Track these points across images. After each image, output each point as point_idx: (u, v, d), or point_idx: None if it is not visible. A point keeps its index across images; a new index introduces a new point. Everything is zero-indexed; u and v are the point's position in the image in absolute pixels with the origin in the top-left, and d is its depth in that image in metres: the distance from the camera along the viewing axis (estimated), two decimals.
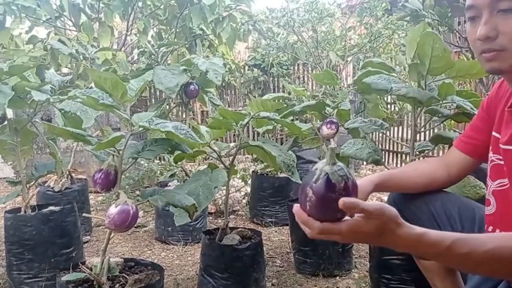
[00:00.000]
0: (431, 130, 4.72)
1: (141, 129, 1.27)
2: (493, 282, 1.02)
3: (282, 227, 2.85)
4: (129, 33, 3.75)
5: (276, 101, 2.19)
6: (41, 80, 1.87)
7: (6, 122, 1.82)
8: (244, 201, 3.32)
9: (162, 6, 3.89)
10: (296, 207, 0.80)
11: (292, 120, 1.98)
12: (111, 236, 1.39)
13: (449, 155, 1.28)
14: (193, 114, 5.59)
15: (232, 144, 1.84)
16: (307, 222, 0.79)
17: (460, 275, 1.32)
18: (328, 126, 2.02)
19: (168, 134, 1.28)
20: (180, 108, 5.41)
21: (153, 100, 5.48)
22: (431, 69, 1.47)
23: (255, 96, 5.66)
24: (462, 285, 1.31)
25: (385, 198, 3.59)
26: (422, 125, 1.99)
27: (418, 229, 0.78)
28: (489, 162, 1.08)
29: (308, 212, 0.78)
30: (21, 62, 3.17)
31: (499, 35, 0.93)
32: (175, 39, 3.77)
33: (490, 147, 1.08)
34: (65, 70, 3.94)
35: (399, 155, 5.23)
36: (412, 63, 1.51)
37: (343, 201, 0.72)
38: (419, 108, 1.63)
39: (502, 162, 1.02)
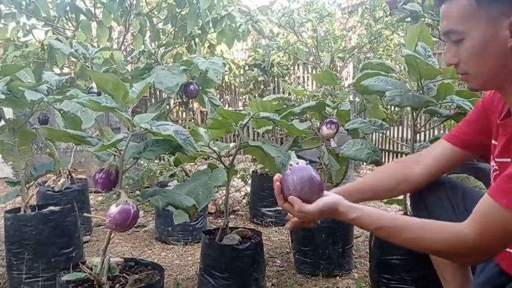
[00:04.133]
0: (431, 130, 4.74)
1: (142, 130, 1.27)
2: (500, 280, 1.04)
3: (282, 227, 2.85)
4: (127, 33, 3.75)
5: (276, 102, 2.19)
6: (37, 79, 1.86)
7: (4, 123, 1.82)
8: (244, 201, 3.33)
9: (157, 7, 3.90)
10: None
11: (291, 119, 1.99)
12: (111, 236, 1.39)
13: (432, 148, 1.30)
14: (193, 114, 5.60)
15: (232, 144, 1.84)
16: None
17: (470, 269, 1.33)
18: (328, 126, 2.02)
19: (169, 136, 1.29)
20: (180, 108, 5.41)
21: (153, 100, 5.48)
22: (424, 75, 1.50)
23: (255, 96, 5.65)
24: (471, 279, 1.32)
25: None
26: (422, 125, 1.99)
27: (353, 214, 1.03)
28: (492, 171, 1.09)
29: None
30: (14, 57, 3.18)
31: (459, 62, 1.01)
32: (174, 39, 3.77)
33: (491, 156, 1.10)
34: (65, 70, 3.95)
35: (399, 155, 5.23)
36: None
37: (290, 198, 1.04)
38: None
39: None
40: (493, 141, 1.10)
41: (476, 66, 0.99)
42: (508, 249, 1.03)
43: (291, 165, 1.07)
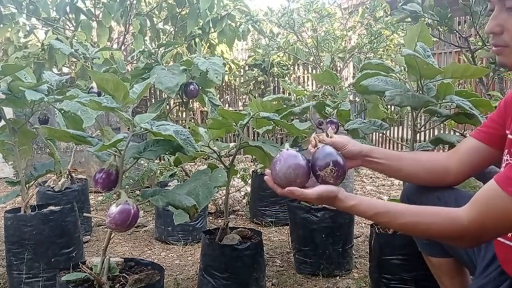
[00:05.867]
0: (431, 130, 4.74)
1: (142, 130, 1.27)
2: (497, 282, 1.03)
3: (282, 227, 2.85)
4: (128, 33, 3.75)
5: (276, 102, 2.19)
6: (37, 80, 1.86)
7: (4, 123, 1.82)
8: (244, 201, 3.33)
9: (157, 7, 3.90)
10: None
11: (291, 119, 1.99)
12: (111, 236, 1.39)
13: (461, 146, 1.26)
14: (193, 114, 5.60)
15: (232, 144, 1.84)
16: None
17: (469, 274, 1.32)
18: (328, 126, 2.02)
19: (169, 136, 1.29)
20: (180, 108, 5.41)
21: (153, 100, 5.48)
22: (424, 75, 1.50)
23: (255, 96, 5.65)
24: (470, 283, 1.31)
25: (385, 197, 3.59)
26: (422, 124, 1.98)
27: (351, 202, 1.05)
28: (503, 165, 1.06)
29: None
30: (15, 58, 3.19)
31: (504, 31, 0.95)
32: (174, 39, 3.77)
33: (506, 150, 1.07)
34: (65, 70, 3.95)
35: None
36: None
37: (287, 189, 1.06)
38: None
39: None
40: (509, 136, 1.07)
41: None
42: (508, 242, 1.02)
43: (281, 151, 1.13)
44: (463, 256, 1.22)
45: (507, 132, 1.07)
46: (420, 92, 1.54)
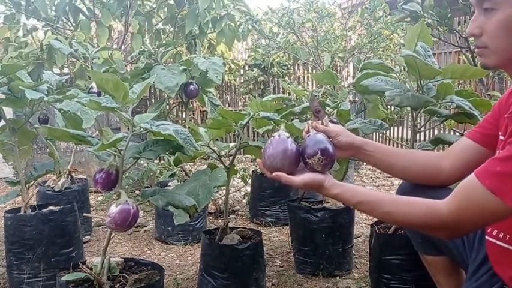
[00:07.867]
0: (431, 130, 4.74)
1: (142, 130, 1.27)
2: (488, 284, 1.03)
3: (282, 227, 2.85)
4: (127, 33, 3.75)
5: (276, 102, 2.19)
6: (35, 79, 1.86)
7: (4, 123, 1.82)
8: (244, 201, 3.33)
9: (156, 6, 3.90)
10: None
11: (291, 119, 1.98)
12: (111, 236, 1.39)
13: (455, 146, 1.26)
14: (193, 114, 5.59)
15: (232, 144, 1.84)
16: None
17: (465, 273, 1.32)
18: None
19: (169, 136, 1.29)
20: (180, 108, 5.41)
21: (153, 100, 5.47)
22: (423, 76, 1.50)
23: (255, 96, 5.65)
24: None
25: None
26: (422, 124, 1.98)
27: (336, 190, 1.07)
28: None
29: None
30: (10, 58, 3.19)
31: (483, 33, 0.98)
32: (174, 39, 3.77)
33: (497, 151, 1.07)
34: (66, 70, 3.95)
35: None
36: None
37: (275, 174, 1.09)
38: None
39: None
40: (500, 137, 1.07)
41: (499, 42, 0.96)
42: (499, 243, 1.02)
43: (273, 136, 1.14)
44: (456, 255, 1.23)
45: (499, 133, 1.08)
46: (420, 92, 1.54)
